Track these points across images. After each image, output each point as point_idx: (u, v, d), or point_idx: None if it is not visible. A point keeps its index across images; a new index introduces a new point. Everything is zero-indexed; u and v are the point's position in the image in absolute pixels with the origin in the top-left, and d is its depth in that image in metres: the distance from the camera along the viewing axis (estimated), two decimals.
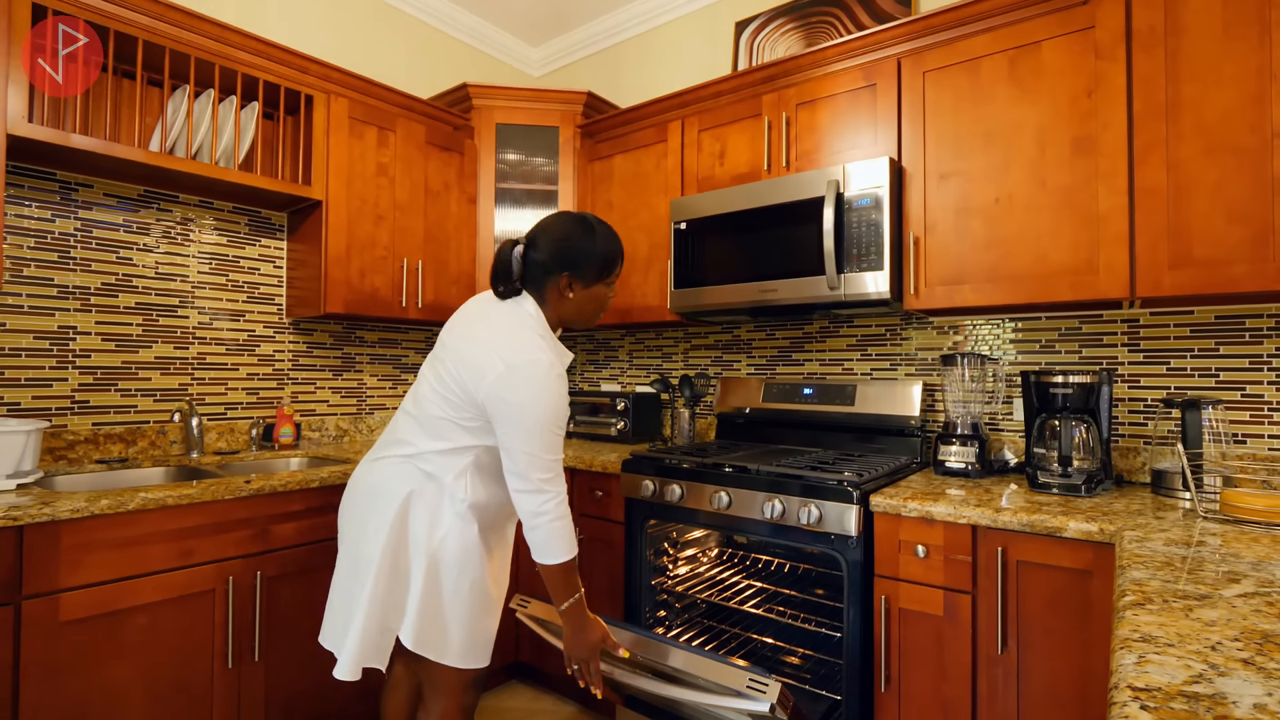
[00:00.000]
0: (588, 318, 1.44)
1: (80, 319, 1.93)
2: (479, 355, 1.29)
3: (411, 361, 2.78)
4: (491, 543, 1.40)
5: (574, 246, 1.37)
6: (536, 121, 2.68)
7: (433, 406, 1.34)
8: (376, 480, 1.35)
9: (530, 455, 1.25)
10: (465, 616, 1.32)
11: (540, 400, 1.25)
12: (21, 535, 1.34)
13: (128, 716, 1.48)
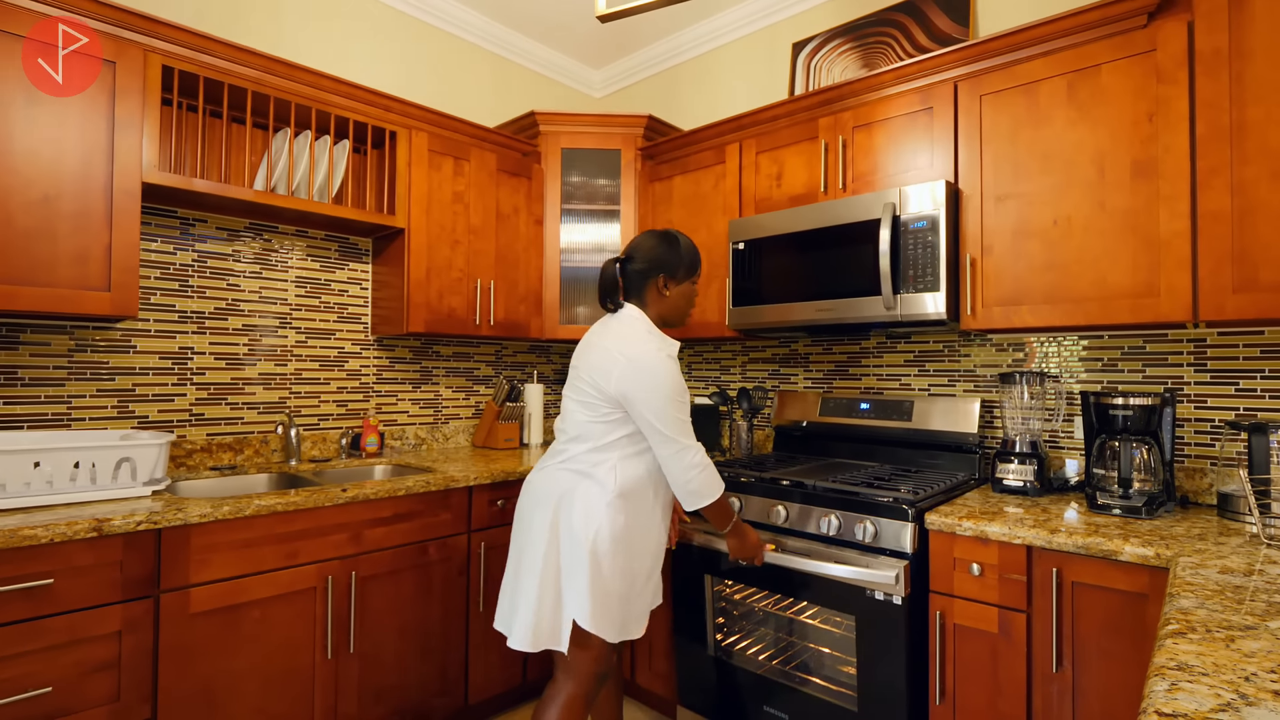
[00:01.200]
0: (681, 312, 1.70)
1: (196, 340, 2.16)
2: (603, 357, 1.56)
3: (483, 374, 2.94)
4: (640, 529, 1.57)
5: (664, 252, 1.67)
6: (599, 145, 2.80)
7: (577, 415, 1.60)
8: (538, 485, 1.61)
9: (667, 422, 1.50)
10: (622, 595, 1.53)
11: (658, 376, 1.51)
12: (160, 537, 1.54)
13: (244, 698, 1.66)
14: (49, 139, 1.63)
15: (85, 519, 1.42)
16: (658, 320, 1.69)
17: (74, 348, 1.93)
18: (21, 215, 1.59)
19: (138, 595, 1.50)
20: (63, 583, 1.40)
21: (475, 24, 2.95)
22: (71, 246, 1.66)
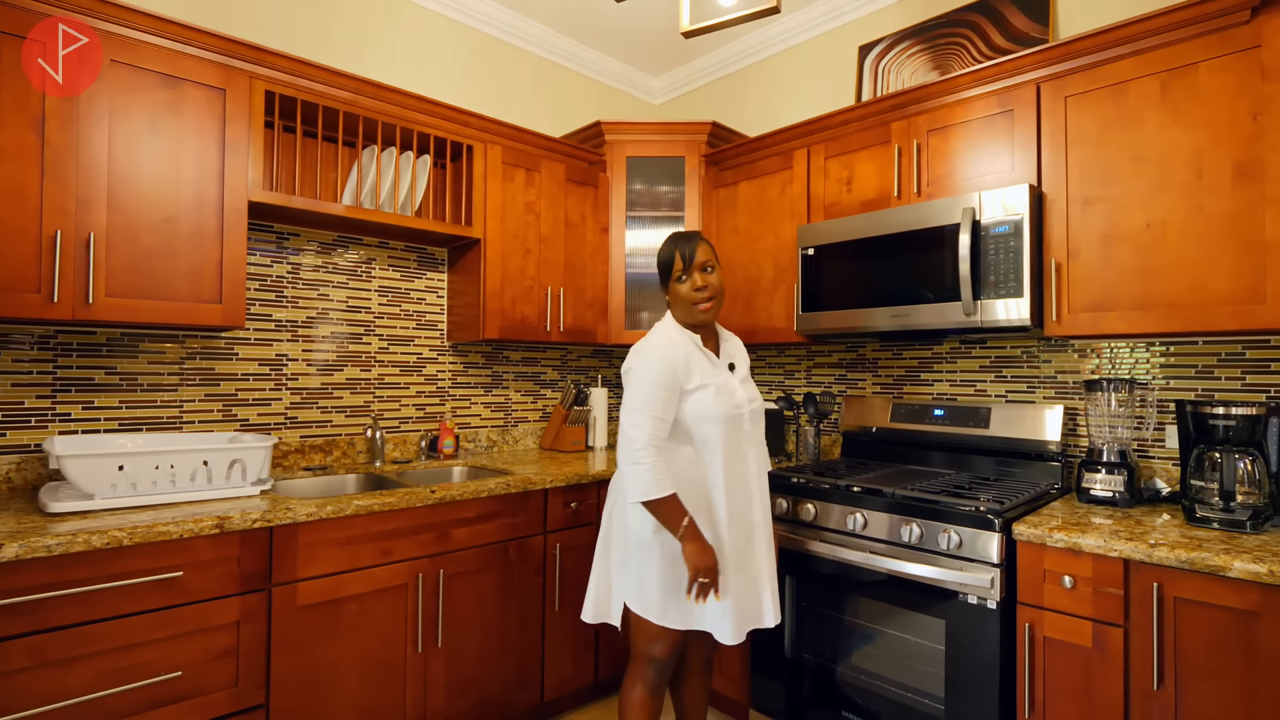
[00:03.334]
0: (687, 309, 1.68)
1: (290, 348, 2.28)
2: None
3: (549, 378, 3.02)
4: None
5: (657, 263, 1.76)
6: (663, 153, 2.84)
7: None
8: (616, 477, 1.74)
9: (624, 410, 1.57)
10: (662, 582, 1.58)
11: (632, 365, 1.60)
12: (272, 535, 1.64)
13: (345, 685, 1.76)
14: (169, 164, 1.76)
15: (209, 516, 1.53)
16: (680, 319, 1.71)
17: (185, 355, 2.07)
18: (147, 235, 1.73)
19: (253, 588, 1.61)
20: (190, 575, 1.52)
21: (540, 36, 3.03)
22: (188, 263, 1.79)
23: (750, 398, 1.71)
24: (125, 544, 1.41)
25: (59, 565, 1.36)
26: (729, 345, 1.78)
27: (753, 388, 1.75)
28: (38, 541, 1.32)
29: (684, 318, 1.69)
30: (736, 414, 1.63)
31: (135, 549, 1.44)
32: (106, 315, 1.66)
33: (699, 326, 1.70)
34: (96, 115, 1.65)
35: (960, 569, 1.64)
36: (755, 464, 1.70)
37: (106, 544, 1.39)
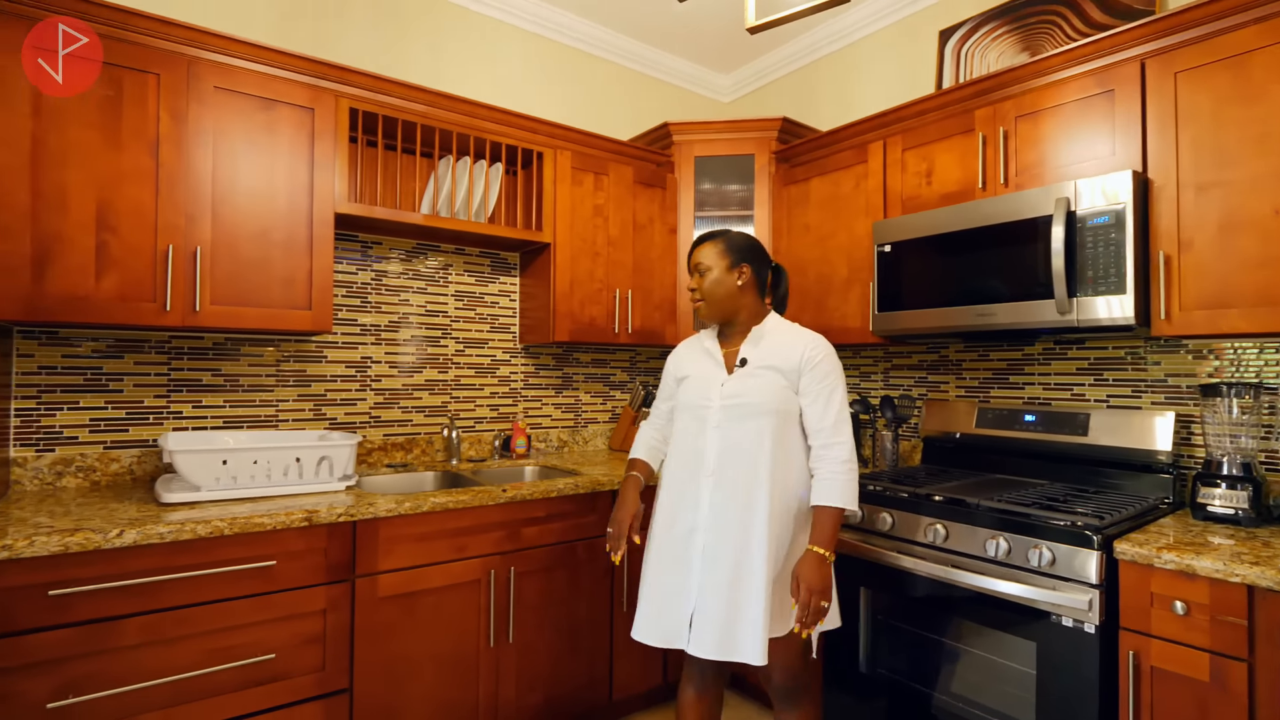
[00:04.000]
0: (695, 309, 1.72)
1: (374, 350, 2.40)
2: None
3: (618, 380, 3.04)
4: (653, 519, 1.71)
5: None
6: (732, 151, 2.80)
7: None
8: None
9: None
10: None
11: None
12: (355, 528, 1.73)
13: (421, 674, 1.83)
14: (264, 180, 1.89)
15: (299, 510, 1.63)
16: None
17: (280, 358, 2.22)
18: (245, 247, 1.86)
19: (338, 579, 1.70)
20: (282, 564, 1.62)
21: (606, 40, 3.05)
22: (281, 271, 1.92)
23: (732, 393, 1.57)
24: (226, 533, 1.53)
25: (170, 551, 1.48)
26: (763, 343, 1.62)
27: (758, 385, 1.55)
28: (152, 529, 1.45)
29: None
30: (702, 406, 1.62)
31: (234, 538, 1.56)
32: (211, 321, 1.80)
33: (722, 324, 1.69)
34: (202, 138, 1.79)
35: (1053, 588, 1.52)
36: (715, 463, 1.56)
37: (210, 533, 1.51)
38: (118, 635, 1.42)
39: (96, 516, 1.52)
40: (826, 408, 1.55)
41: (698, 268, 1.67)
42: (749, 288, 1.66)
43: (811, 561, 1.45)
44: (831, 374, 1.57)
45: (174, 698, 1.49)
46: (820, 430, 1.55)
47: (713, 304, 1.66)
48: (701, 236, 1.69)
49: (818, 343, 1.60)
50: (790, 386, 1.57)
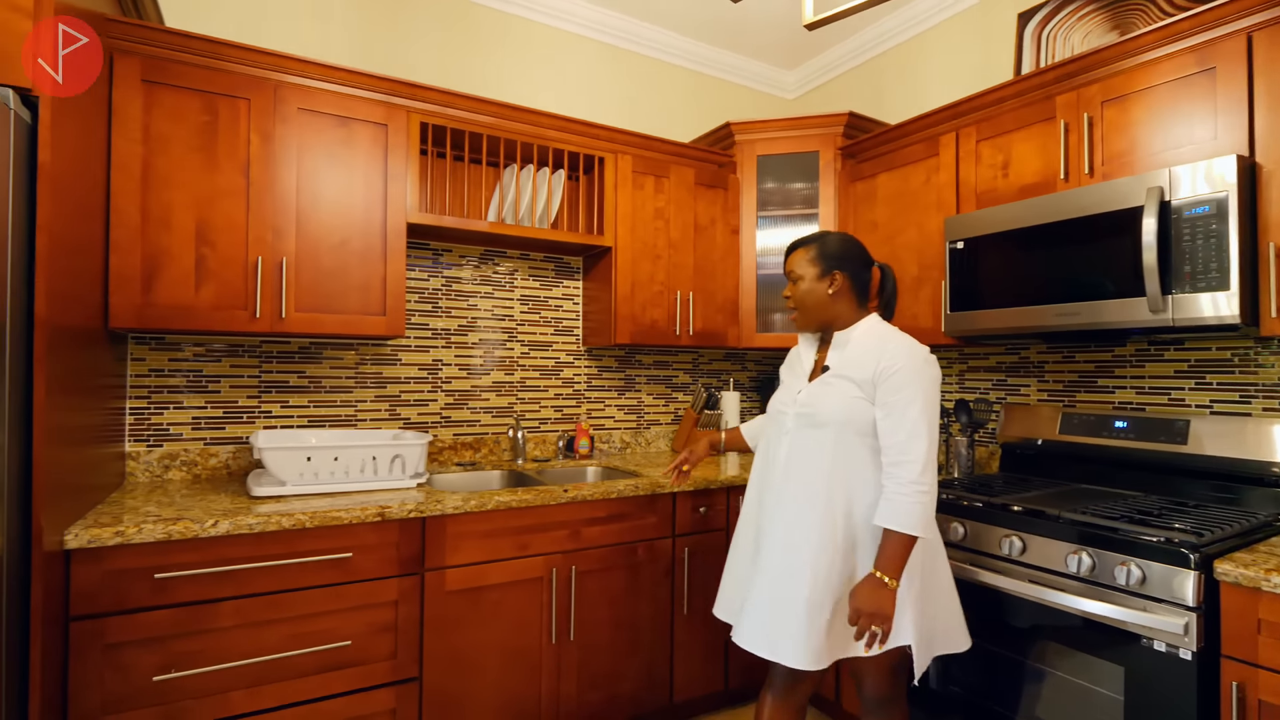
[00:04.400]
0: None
1: (444, 354, 2.50)
2: None
3: (680, 381, 3.04)
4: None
5: None
6: (796, 149, 2.75)
7: None
8: None
9: None
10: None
11: None
12: (424, 524, 1.81)
13: (486, 667, 1.90)
14: (342, 193, 2.01)
15: (373, 505, 1.73)
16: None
17: (359, 361, 2.35)
18: (326, 257, 1.98)
19: (408, 572, 1.79)
20: (358, 556, 1.72)
21: (667, 42, 3.06)
22: (358, 279, 2.03)
23: (804, 402, 1.54)
24: (307, 526, 1.63)
25: (258, 541, 1.60)
26: (846, 350, 1.58)
27: (829, 394, 1.51)
28: (242, 520, 1.57)
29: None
30: (779, 411, 1.63)
31: (315, 531, 1.66)
32: (295, 328, 1.92)
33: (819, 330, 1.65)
34: (287, 157, 1.92)
35: (1144, 609, 1.41)
36: (782, 471, 1.55)
37: (293, 525, 1.62)
38: (213, 617, 1.55)
39: (196, 507, 1.66)
40: (899, 422, 1.42)
41: (790, 275, 1.63)
42: (843, 295, 1.58)
43: (866, 585, 1.39)
44: (909, 386, 1.43)
45: (261, 677, 1.60)
46: (890, 446, 1.44)
47: (804, 313, 1.62)
48: (795, 242, 1.64)
49: (898, 352, 1.46)
50: (864, 398, 1.48)
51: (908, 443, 1.41)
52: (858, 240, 1.64)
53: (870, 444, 1.49)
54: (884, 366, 1.46)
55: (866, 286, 1.62)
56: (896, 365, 1.45)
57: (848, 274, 1.58)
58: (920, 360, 1.46)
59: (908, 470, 1.40)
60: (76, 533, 1.41)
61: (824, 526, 1.46)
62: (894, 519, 1.38)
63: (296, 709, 1.63)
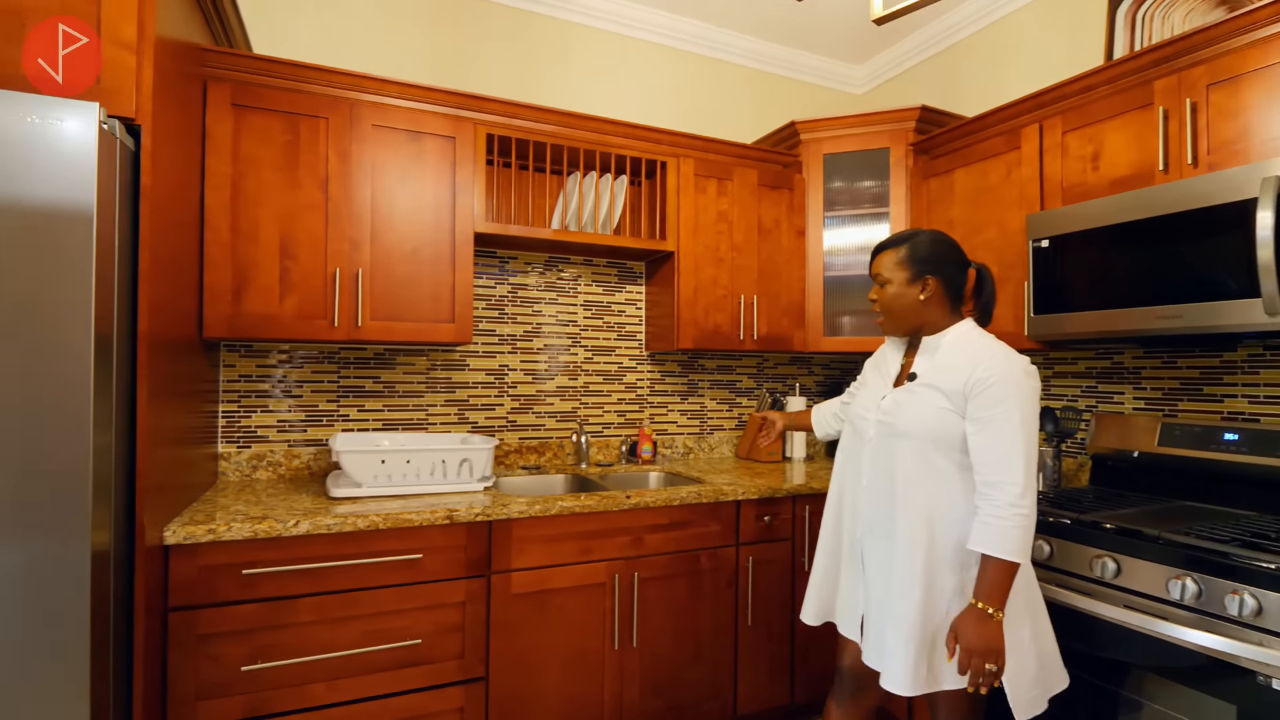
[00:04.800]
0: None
1: (510, 359, 2.56)
2: None
3: (744, 386, 2.99)
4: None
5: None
6: (864, 146, 2.66)
7: None
8: None
9: None
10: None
11: None
12: (490, 528, 1.85)
13: (550, 669, 1.92)
14: (413, 205, 2.08)
15: (442, 508, 1.78)
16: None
17: (429, 366, 2.42)
18: (399, 266, 2.05)
19: (475, 574, 1.83)
20: (427, 558, 1.77)
21: (728, 42, 3.01)
22: (429, 288, 2.09)
23: (886, 410, 1.47)
24: (380, 527, 1.70)
25: (336, 541, 1.67)
26: (937, 356, 1.47)
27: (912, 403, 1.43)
28: (321, 520, 1.64)
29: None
30: (861, 419, 1.55)
31: (387, 532, 1.72)
32: (370, 335, 2.01)
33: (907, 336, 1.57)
34: (362, 172, 2.00)
35: (1260, 644, 1.28)
36: (868, 480, 1.49)
37: (367, 526, 1.68)
38: (294, 612, 1.63)
39: (280, 506, 1.76)
40: (994, 439, 1.31)
41: (877, 278, 1.55)
42: (935, 301, 1.49)
43: (970, 618, 1.30)
44: (1006, 400, 1.32)
45: (339, 671, 1.67)
46: (984, 465, 1.32)
47: (891, 318, 1.53)
48: (883, 243, 1.55)
49: (993, 362, 1.35)
50: (953, 410, 1.38)
51: (1004, 462, 1.30)
52: (952, 239, 1.53)
53: (957, 459, 1.39)
54: (978, 377, 1.35)
55: (961, 290, 1.51)
56: (992, 376, 1.33)
57: (941, 278, 1.48)
58: (1019, 371, 1.34)
59: (1005, 492, 1.29)
60: (174, 529, 1.51)
61: (919, 546, 1.38)
62: (993, 544, 1.28)
63: (371, 703, 1.70)
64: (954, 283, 1.50)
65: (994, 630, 1.28)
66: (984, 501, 1.32)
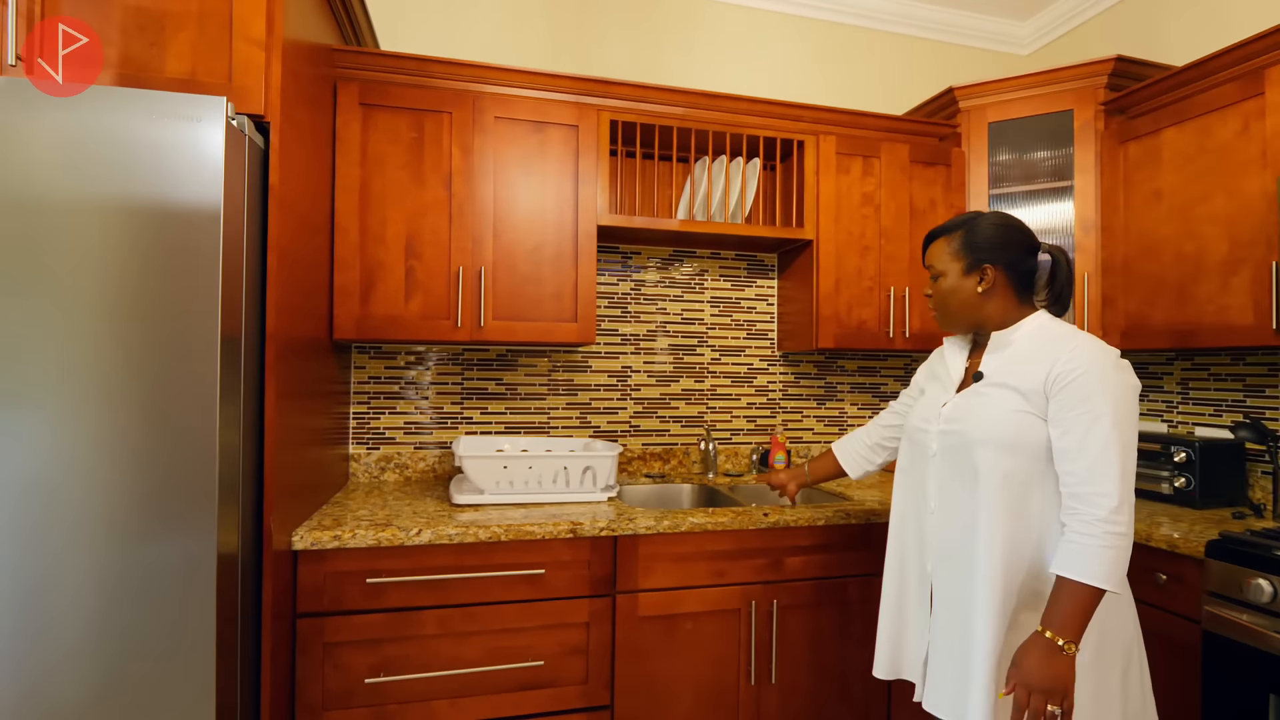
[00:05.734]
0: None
1: (633, 360, 2.41)
2: None
3: (890, 390, 2.67)
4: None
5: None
6: (1040, 110, 2.27)
7: None
8: None
9: None
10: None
11: None
12: (615, 544, 1.70)
13: (679, 701, 1.74)
14: (536, 199, 1.98)
15: (565, 520, 1.65)
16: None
17: (551, 368, 2.33)
18: (522, 263, 1.96)
19: (600, 593, 1.69)
20: (550, 573, 1.65)
21: (871, 5, 2.70)
22: (551, 286, 1.99)
23: (951, 417, 1.27)
24: (502, 539, 1.60)
25: (458, 552, 1.59)
26: (1007, 352, 1.26)
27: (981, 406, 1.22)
28: (443, 530, 1.56)
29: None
30: (922, 430, 1.35)
31: (509, 544, 1.62)
32: (493, 336, 1.93)
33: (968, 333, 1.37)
34: (484, 167, 1.93)
35: None
36: (936, 502, 1.29)
37: (489, 538, 1.59)
38: (418, 624, 1.56)
39: (405, 512, 1.71)
40: (1083, 442, 1.11)
41: (930, 269, 1.37)
42: (997, 292, 1.29)
43: (1036, 649, 1.09)
44: (1095, 396, 1.11)
45: (462, 689, 1.59)
46: (1071, 473, 1.13)
47: (947, 315, 1.35)
48: (934, 231, 1.36)
49: (1078, 353, 1.15)
50: (1032, 412, 1.18)
51: (1095, 471, 1.10)
52: (1018, 221, 1.31)
53: (1042, 470, 1.18)
54: (1059, 371, 1.15)
55: (1030, 278, 1.30)
56: (1076, 369, 1.13)
57: (1003, 266, 1.28)
58: (1109, 364, 1.14)
59: (1095, 506, 1.09)
60: (301, 534, 1.49)
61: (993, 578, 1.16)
62: (1076, 567, 1.08)
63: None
64: (1020, 270, 1.29)
65: (1064, 666, 1.08)
66: (1071, 518, 1.12)
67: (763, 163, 2.40)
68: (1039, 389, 1.17)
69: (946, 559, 1.27)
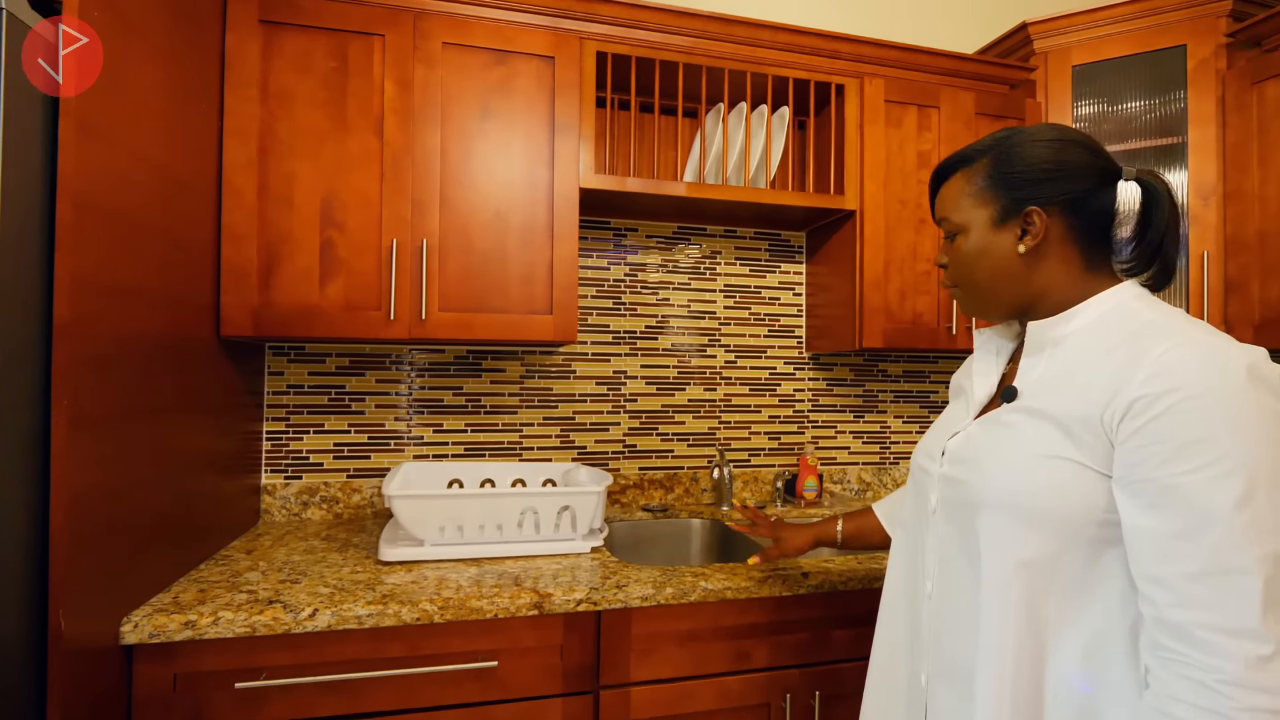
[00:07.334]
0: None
1: (629, 363, 1.94)
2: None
3: (941, 399, 2.19)
4: None
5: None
6: (1140, 47, 1.80)
7: None
8: None
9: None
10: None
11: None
12: (599, 620, 1.23)
13: None
14: (499, 151, 1.51)
15: (527, 590, 1.17)
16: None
17: (524, 374, 1.86)
18: (479, 236, 1.49)
19: (577, 689, 1.21)
20: (506, 665, 1.17)
21: None
22: (519, 266, 1.52)
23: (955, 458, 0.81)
24: (436, 620, 1.12)
25: (373, 639, 1.12)
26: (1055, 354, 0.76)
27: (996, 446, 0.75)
28: (349, 611, 1.09)
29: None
30: (923, 471, 0.88)
31: (447, 626, 1.15)
32: (440, 333, 1.46)
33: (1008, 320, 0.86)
34: (429, 109, 1.46)
35: None
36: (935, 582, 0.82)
37: (416, 619, 1.11)
38: None
39: (314, 572, 1.24)
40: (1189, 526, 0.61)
41: (943, 225, 0.86)
42: (1051, 251, 0.78)
43: None
44: (1213, 439, 0.60)
45: None
46: (1164, 583, 0.62)
47: (973, 293, 0.84)
48: (945, 163, 0.85)
49: (1173, 360, 0.64)
50: (1079, 459, 0.68)
51: (1216, 582, 0.59)
52: (1080, 135, 0.78)
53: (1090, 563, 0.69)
54: (1141, 392, 0.64)
55: (1105, 225, 0.78)
56: (1174, 387, 0.63)
57: (1060, 206, 0.76)
58: (1235, 379, 0.62)
59: (1220, 653, 0.58)
60: (138, 620, 1.02)
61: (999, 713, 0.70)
62: None
63: None
64: (1088, 213, 0.77)
65: None
66: (1166, 667, 0.62)
67: (792, 115, 1.91)
68: (1094, 418, 0.67)
69: (948, 674, 0.79)
